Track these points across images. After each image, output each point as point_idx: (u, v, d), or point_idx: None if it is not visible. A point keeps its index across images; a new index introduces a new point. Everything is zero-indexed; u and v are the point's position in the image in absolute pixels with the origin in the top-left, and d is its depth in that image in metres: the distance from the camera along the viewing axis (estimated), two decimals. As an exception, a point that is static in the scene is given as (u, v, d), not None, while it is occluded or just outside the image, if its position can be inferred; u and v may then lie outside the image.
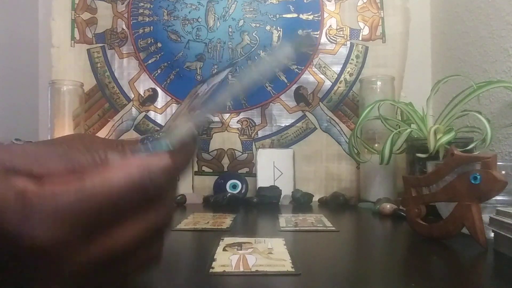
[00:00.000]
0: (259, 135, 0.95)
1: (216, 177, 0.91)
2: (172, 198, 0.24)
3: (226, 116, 0.96)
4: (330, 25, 0.96)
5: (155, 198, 0.22)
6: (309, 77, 0.95)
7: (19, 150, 0.21)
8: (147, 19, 0.98)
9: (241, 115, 0.96)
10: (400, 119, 0.81)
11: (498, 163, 0.42)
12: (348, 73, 0.95)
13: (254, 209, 0.78)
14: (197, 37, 0.97)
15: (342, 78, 0.95)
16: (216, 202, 0.80)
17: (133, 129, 0.96)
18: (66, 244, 0.19)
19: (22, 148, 0.21)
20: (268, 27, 0.96)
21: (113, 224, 0.20)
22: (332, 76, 0.95)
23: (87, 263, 0.20)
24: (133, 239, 0.21)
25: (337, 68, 0.95)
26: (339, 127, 0.94)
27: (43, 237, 0.18)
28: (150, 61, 0.97)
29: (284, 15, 0.96)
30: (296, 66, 0.95)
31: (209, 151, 0.95)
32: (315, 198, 0.85)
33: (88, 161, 0.22)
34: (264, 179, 0.88)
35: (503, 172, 0.46)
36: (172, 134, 0.25)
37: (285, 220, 0.62)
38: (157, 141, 0.25)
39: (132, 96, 0.97)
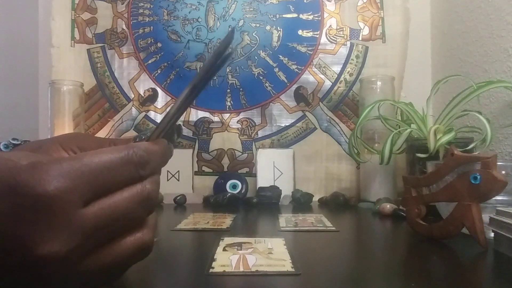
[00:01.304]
0: (259, 135, 0.95)
1: (216, 177, 0.91)
2: (157, 178, 0.27)
3: (226, 116, 0.96)
4: (330, 25, 0.96)
5: (140, 173, 0.25)
6: (309, 77, 0.95)
7: (23, 153, 0.25)
8: (147, 19, 0.98)
9: (241, 115, 0.96)
10: (400, 119, 0.81)
11: (498, 163, 0.42)
12: (348, 73, 0.95)
13: (254, 209, 0.78)
14: (197, 37, 0.97)
15: (342, 78, 0.95)
16: (216, 202, 0.80)
17: (133, 129, 0.96)
18: (69, 199, 0.21)
19: (25, 152, 0.26)
20: (268, 27, 0.96)
21: (106, 190, 0.23)
22: (332, 76, 0.95)
23: (85, 225, 0.22)
24: (124, 206, 0.24)
25: (337, 68, 0.95)
26: (339, 127, 0.94)
27: (52, 189, 0.21)
28: (150, 61, 0.97)
29: (284, 15, 0.96)
30: (296, 66, 0.95)
31: (209, 151, 0.95)
32: (315, 198, 0.85)
33: None
34: (264, 179, 0.88)
35: (503, 172, 0.46)
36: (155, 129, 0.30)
37: (285, 220, 0.62)
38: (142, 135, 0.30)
39: (132, 96, 0.97)
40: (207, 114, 0.96)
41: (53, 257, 0.21)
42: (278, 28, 0.96)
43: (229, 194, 0.82)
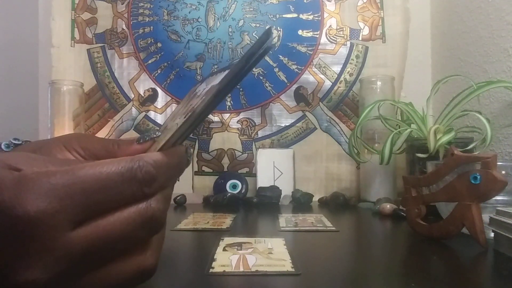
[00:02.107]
0: (259, 135, 0.95)
1: (216, 177, 0.91)
2: (166, 194, 0.24)
3: (226, 116, 0.96)
4: (330, 25, 0.96)
5: (145, 191, 0.22)
6: (309, 77, 0.95)
7: (23, 155, 0.22)
8: (147, 19, 0.98)
9: (241, 115, 0.96)
10: (400, 119, 0.81)
11: (498, 163, 0.42)
12: (348, 73, 0.95)
13: (254, 209, 0.78)
14: (197, 37, 0.97)
15: (342, 78, 0.95)
16: (216, 202, 0.80)
17: (133, 129, 0.96)
18: (54, 222, 0.19)
19: (25, 153, 0.23)
20: (268, 27, 0.96)
21: (102, 211, 0.21)
22: (332, 76, 0.95)
23: (72, 250, 0.20)
24: (121, 230, 0.21)
25: (337, 68, 0.95)
26: (339, 127, 0.94)
27: (34, 211, 0.18)
28: (150, 61, 0.97)
29: (284, 15, 0.96)
30: (296, 66, 0.95)
31: (209, 151, 0.95)
32: (315, 198, 0.85)
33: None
34: (264, 179, 0.88)
35: (503, 172, 0.46)
36: (164, 131, 0.26)
37: (285, 220, 0.62)
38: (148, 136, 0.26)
39: (132, 96, 0.97)
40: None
41: (33, 285, 0.19)
42: (278, 28, 0.96)
43: (229, 194, 0.82)
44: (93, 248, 0.20)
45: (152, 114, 0.97)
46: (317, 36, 0.96)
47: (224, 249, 0.42)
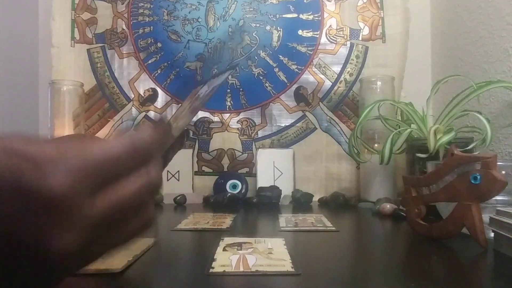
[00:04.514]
0: (259, 135, 0.95)
1: (216, 177, 0.91)
2: (159, 162, 0.28)
3: (226, 116, 0.96)
4: (330, 25, 0.96)
5: (144, 160, 0.26)
6: (309, 77, 0.95)
7: (25, 138, 0.24)
8: (147, 19, 0.98)
9: (241, 115, 0.96)
10: (400, 119, 0.81)
11: (498, 163, 0.42)
12: (348, 73, 0.95)
13: (254, 209, 0.78)
14: (197, 37, 0.97)
15: (342, 78, 0.95)
16: (216, 202, 0.80)
17: (133, 129, 0.96)
18: (77, 194, 0.21)
19: (26, 137, 0.24)
20: (268, 27, 0.96)
21: (113, 180, 0.24)
22: (332, 76, 0.95)
23: (95, 217, 0.22)
24: (131, 194, 0.24)
25: (337, 68, 0.95)
26: (339, 127, 0.94)
27: (58, 187, 0.20)
28: (150, 61, 0.97)
29: (284, 15, 0.96)
30: (296, 66, 0.95)
31: (209, 151, 0.95)
32: (315, 198, 0.85)
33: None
34: (264, 179, 0.88)
35: (503, 172, 0.46)
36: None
37: (285, 220, 0.62)
38: None
39: (132, 96, 0.97)
40: (207, 114, 0.96)
41: (65, 251, 0.21)
42: (278, 28, 0.96)
43: (229, 194, 0.82)
44: (111, 211, 0.23)
45: (152, 114, 0.97)
46: (317, 36, 0.96)
47: (224, 249, 0.42)
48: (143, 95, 0.97)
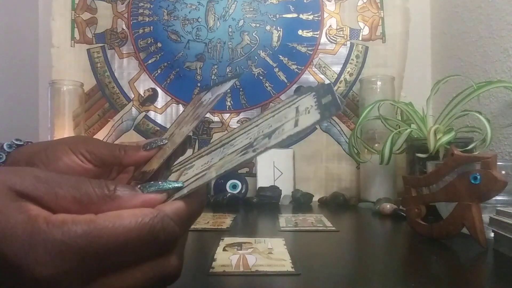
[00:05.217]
0: (259, 135, 0.95)
1: (216, 177, 0.91)
2: (182, 246, 0.24)
3: (226, 116, 0.96)
4: (330, 25, 0.96)
5: (164, 246, 0.21)
6: (309, 77, 0.95)
7: (31, 176, 0.20)
8: (147, 19, 0.98)
9: (241, 115, 0.96)
10: (400, 119, 0.81)
11: (498, 163, 0.42)
12: (348, 73, 0.95)
13: (254, 209, 0.78)
14: (197, 37, 0.97)
15: (342, 78, 0.95)
16: (216, 202, 0.80)
17: (133, 129, 0.96)
18: (65, 279, 0.18)
19: (33, 173, 0.21)
20: (268, 27, 0.96)
21: (116, 268, 0.20)
22: (332, 76, 0.95)
23: None
24: (138, 283, 0.20)
25: (337, 68, 0.95)
26: (339, 127, 0.94)
27: (44, 269, 0.18)
28: (150, 61, 0.97)
29: (284, 15, 0.96)
30: (296, 66, 0.95)
31: (209, 151, 0.95)
32: (315, 198, 0.85)
33: (97, 195, 0.21)
34: (264, 179, 0.88)
35: (503, 172, 0.46)
36: (186, 177, 0.24)
37: (285, 220, 0.62)
38: (171, 182, 0.23)
39: (132, 96, 0.97)
40: (207, 114, 0.96)
41: None
42: (278, 28, 0.96)
43: (229, 194, 0.82)
44: None
45: (152, 114, 0.97)
46: (317, 36, 0.96)
47: (224, 249, 0.42)
48: (143, 95, 0.97)
